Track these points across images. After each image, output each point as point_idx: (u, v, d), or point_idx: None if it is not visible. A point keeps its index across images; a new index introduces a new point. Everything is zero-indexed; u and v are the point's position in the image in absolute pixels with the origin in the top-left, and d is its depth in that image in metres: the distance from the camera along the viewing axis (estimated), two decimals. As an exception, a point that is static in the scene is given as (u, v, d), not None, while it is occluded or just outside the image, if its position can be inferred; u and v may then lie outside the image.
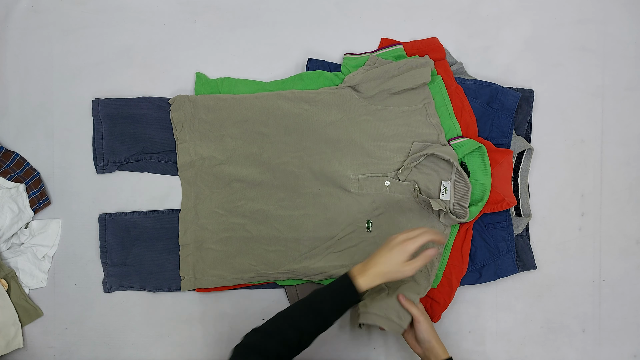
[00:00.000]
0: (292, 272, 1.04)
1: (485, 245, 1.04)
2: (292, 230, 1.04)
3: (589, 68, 1.10)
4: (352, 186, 1.03)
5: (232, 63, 1.08)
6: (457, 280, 1.02)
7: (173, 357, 1.09)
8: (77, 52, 1.09)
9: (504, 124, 1.04)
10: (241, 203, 1.04)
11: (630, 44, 1.10)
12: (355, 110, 1.04)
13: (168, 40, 1.09)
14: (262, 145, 1.05)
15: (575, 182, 1.10)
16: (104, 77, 1.08)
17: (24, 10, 1.09)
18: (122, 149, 1.06)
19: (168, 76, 1.08)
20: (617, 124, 1.10)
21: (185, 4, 1.09)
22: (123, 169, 1.07)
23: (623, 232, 1.10)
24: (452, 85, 1.04)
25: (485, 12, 1.09)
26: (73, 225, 1.09)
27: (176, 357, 1.09)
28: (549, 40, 1.09)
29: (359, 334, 1.08)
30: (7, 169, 1.05)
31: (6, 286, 1.05)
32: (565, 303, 1.09)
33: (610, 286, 1.09)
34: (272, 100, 1.04)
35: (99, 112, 1.05)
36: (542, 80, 1.09)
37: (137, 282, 1.07)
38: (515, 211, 1.07)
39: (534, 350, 1.09)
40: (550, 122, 1.09)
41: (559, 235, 1.09)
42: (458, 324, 1.08)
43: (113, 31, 1.09)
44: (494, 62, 1.09)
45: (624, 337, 1.09)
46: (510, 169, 1.03)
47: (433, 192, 1.03)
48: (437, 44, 1.07)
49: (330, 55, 1.08)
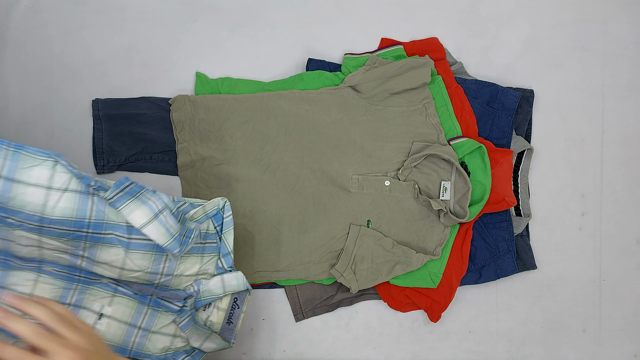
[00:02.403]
0: (292, 272, 1.04)
1: (485, 245, 1.04)
2: (292, 230, 1.04)
3: (589, 68, 1.10)
4: (352, 186, 1.03)
5: (232, 63, 1.08)
6: (457, 280, 1.02)
7: (173, 357, 1.09)
8: (77, 52, 1.09)
9: (504, 124, 1.04)
10: (241, 203, 1.04)
11: (630, 44, 1.10)
12: (355, 110, 1.04)
13: (168, 40, 1.09)
14: (262, 145, 1.05)
15: (575, 182, 1.10)
16: (104, 77, 1.08)
17: (24, 10, 1.09)
18: (122, 149, 1.06)
19: (168, 76, 1.08)
20: (617, 124, 1.10)
21: (185, 4, 1.09)
22: (123, 169, 1.07)
23: (623, 232, 1.10)
24: (452, 85, 1.04)
25: (485, 12, 1.09)
26: (73, 225, 1.09)
27: (176, 357, 1.09)
28: (549, 40, 1.09)
29: (359, 334, 1.08)
30: (7, 169, 1.05)
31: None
32: (565, 303, 1.09)
33: (611, 286, 1.09)
34: (272, 100, 1.04)
35: (99, 112, 1.05)
36: (542, 80, 1.09)
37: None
38: (515, 211, 1.07)
39: (534, 350, 1.09)
40: (550, 122, 1.09)
41: (559, 235, 1.09)
42: (458, 324, 1.08)
43: (113, 31, 1.09)
44: (494, 62, 1.09)
45: (624, 337, 1.10)
46: (510, 169, 1.03)
47: (433, 192, 1.03)
48: (437, 44, 1.07)
49: (330, 55, 1.08)
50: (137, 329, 0.82)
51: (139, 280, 0.79)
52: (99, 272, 0.76)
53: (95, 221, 0.73)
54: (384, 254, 1.01)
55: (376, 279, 1.02)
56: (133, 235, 0.75)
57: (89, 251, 0.75)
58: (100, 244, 0.75)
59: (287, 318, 1.07)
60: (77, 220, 0.71)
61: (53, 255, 0.74)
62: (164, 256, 0.78)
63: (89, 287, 0.78)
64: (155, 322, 0.83)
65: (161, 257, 0.78)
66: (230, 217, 0.86)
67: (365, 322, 1.08)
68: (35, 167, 0.68)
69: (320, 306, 1.06)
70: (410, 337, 1.08)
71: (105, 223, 0.74)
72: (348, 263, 1.01)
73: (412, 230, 1.03)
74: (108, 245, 0.75)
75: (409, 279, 1.03)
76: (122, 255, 0.76)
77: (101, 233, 0.74)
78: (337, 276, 1.01)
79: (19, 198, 0.67)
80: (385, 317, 1.08)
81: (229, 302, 0.87)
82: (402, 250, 1.00)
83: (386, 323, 1.08)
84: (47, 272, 0.74)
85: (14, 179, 0.67)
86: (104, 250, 0.75)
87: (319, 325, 1.08)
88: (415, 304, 1.05)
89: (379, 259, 1.01)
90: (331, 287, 1.06)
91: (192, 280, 0.84)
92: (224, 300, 0.87)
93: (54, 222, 0.70)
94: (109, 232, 0.74)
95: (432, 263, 1.02)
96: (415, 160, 1.01)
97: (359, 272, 1.01)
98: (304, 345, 1.07)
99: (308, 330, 1.07)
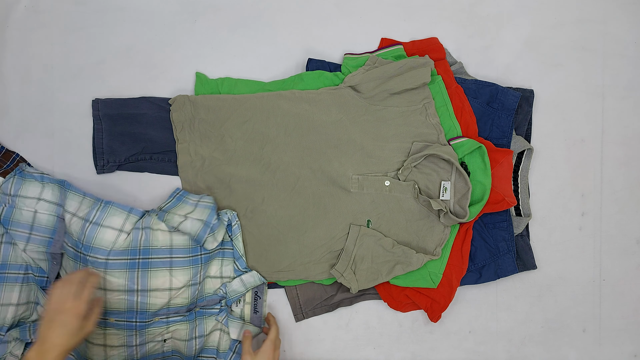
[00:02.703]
0: (292, 272, 1.04)
1: (485, 245, 1.04)
2: (292, 230, 1.04)
3: (589, 68, 1.10)
4: (352, 186, 1.03)
5: (232, 63, 1.08)
6: (457, 280, 1.02)
7: (173, 357, 1.09)
8: (77, 52, 1.09)
9: (504, 123, 1.04)
10: (241, 204, 1.04)
11: (630, 44, 1.10)
12: (355, 110, 1.04)
13: (168, 40, 1.09)
14: (262, 145, 1.05)
15: (575, 182, 1.10)
16: (104, 77, 1.08)
17: (24, 10, 1.09)
18: (122, 149, 1.06)
19: (168, 76, 1.08)
20: (617, 124, 1.10)
21: (185, 4, 1.09)
22: (123, 169, 1.07)
23: (623, 232, 1.10)
24: (452, 85, 1.04)
25: (485, 12, 1.09)
26: (73, 225, 1.09)
27: (176, 357, 1.09)
28: (549, 40, 1.09)
29: (359, 334, 1.08)
30: (7, 169, 1.05)
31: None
32: (565, 303, 1.09)
33: (610, 286, 1.09)
34: (272, 100, 1.04)
35: (99, 112, 1.05)
36: (542, 80, 1.09)
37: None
38: (515, 211, 1.07)
39: (534, 350, 1.09)
40: (550, 122, 1.09)
41: (559, 235, 1.09)
42: (458, 324, 1.08)
43: (113, 31, 1.09)
44: (494, 62, 1.09)
45: (624, 337, 1.10)
46: (510, 169, 1.03)
47: (433, 192, 1.03)
48: (437, 44, 1.07)
49: (330, 55, 1.08)
50: (194, 340, 1.00)
51: (183, 303, 0.96)
52: (152, 302, 0.94)
53: (143, 248, 0.93)
54: (384, 254, 1.01)
55: (376, 279, 1.02)
56: (174, 255, 0.94)
57: (142, 282, 0.93)
58: (150, 270, 0.93)
59: (287, 318, 1.07)
60: (131, 250, 0.93)
61: (114, 300, 0.92)
62: (199, 267, 0.97)
63: (146, 329, 0.95)
64: (205, 327, 1.01)
65: (197, 268, 0.96)
66: (238, 225, 1.02)
67: (365, 322, 1.08)
68: (115, 216, 0.94)
69: (320, 306, 1.06)
70: (410, 337, 1.08)
71: (151, 249, 0.94)
72: (348, 263, 1.01)
73: (412, 230, 1.03)
74: (155, 269, 0.94)
75: (409, 279, 1.03)
76: (167, 276, 0.94)
77: (149, 258, 0.93)
78: (337, 276, 1.01)
79: (98, 237, 0.91)
80: (385, 317, 1.08)
81: (251, 295, 1.04)
82: (402, 250, 1.00)
83: (386, 323, 1.08)
84: (111, 324, 0.93)
85: (101, 224, 0.92)
86: (153, 275, 0.93)
87: (319, 325, 1.08)
88: (415, 304, 1.05)
89: (379, 259, 1.01)
90: (331, 287, 1.06)
91: (218, 283, 1.01)
92: (247, 295, 1.04)
93: (117, 253, 0.92)
94: (154, 256, 0.94)
95: (432, 263, 1.02)
96: (415, 160, 1.01)
97: (359, 272, 1.01)
98: (304, 345, 1.07)
99: (308, 330, 1.07)
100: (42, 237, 0.95)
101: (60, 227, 0.94)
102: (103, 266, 0.91)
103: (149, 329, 0.95)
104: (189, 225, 0.93)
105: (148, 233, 0.94)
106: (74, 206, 0.95)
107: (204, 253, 0.97)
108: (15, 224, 0.94)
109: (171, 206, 0.99)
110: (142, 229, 0.94)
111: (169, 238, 0.95)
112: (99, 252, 0.91)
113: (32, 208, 0.94)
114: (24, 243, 0.94)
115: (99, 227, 0.92)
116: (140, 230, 0.94)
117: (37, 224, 0.94)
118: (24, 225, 0.94)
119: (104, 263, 0.91)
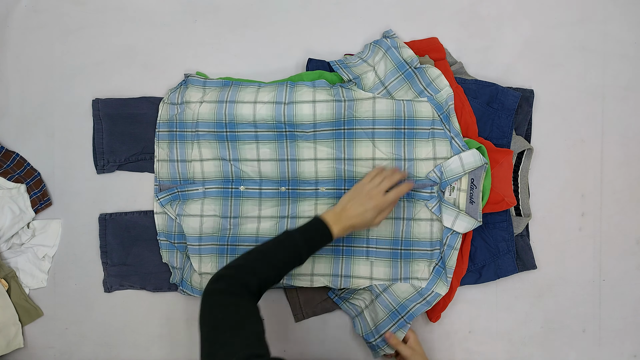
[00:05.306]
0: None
1: (485, 245, 1.04)
2: (292, 230, 1.04)
3: (589, 68, 1.10)
4: (352, 186, 1.04)
5: (232, 63, 1.08)
6: (457, 280, 1.02)
7: (173, 357, 1.09)
8: (77, 52, 1.09)
9: (504, 124, 1.04)
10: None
11: (630, 44, 1.10)
12: (356, 110, 1.05)
13: (168, 40, 1.09)
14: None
15: (575, 182, 1.10)
16: (104, 77, 1.08)
17: (24, 10, 1.09)
18: (122, 149, 1.06)
19: (168, 76, 1.08)
20: (617, 124, 1.10)
21: (185, 4, 1.09)
22: (123, 168, 1.07)
23: (623, 232, 1.10)
24: (452, 85, 1.04)
25: (485, 12, 1.09)
26: (73, 225, 1.09)
27: (176, 357, 1.09)
28: (549, 40, 1.09)
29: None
30: (7, 169, 1.05)
31: (6, 286, 1.05)
32: (565, 303, 1.09)
33: (610, 286, 1.09)
34: (273, 100, 1.04)
35: (99, 112, 1.05)
36: (542, 80, 1.09)
37: (137, 282, 1.07)
38: (515, 211, 1.07)
39: (534, 350, 1.09)
40: (550, 122, 1.09)
41: (559, 235, 1.09)
42: (458, 324, 1.08)
43: (113, 31, 1.09)
44: (494, 62, 1.09)
45: (624, 337, 1.10)
46: (510, 169, 1.03)
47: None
48: (437, 44, 1.07)
49: (330, 55, 1.08)
50: (402, 220, 0.99)
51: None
52: (357, 170, 0.98)
53: (347, 119, 0.97)
54: None
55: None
56: (376, 126, 0.98)
57: (347, 150, 0.98)
58: (355, 139, 0.98)
59: (287, 318, 1.07)
60: (335, 121, 0.97)
61: (325, 168, 1.00)
62: (402, 141, 0.97)
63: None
64: (414, 211, 0.99)
65: (400, 142, 0.97)
66: (446, 92, 0.99)
67: (365, 322, 1.08)
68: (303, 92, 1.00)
69: (321, 306, 1.06)
70: (410, 337, 1.08)
71: (355, 120, 0.97)
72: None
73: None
74: (359, 139, 0.98)
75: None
76: (371, 147, 0.98)
77: (353, 128, 0.97)
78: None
79: (298, 113, 0.98)
80: (385, 317, 1.08)
81: (467, 182, 0.97)
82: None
83: (386, 323, 1.08)
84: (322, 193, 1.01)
85: (294, 101, 0.98)
86: (358, 145, 0.98)
87: (319, 325, 1.08)
88: (415, 304, 1.05)
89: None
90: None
91: (431, 165, 0.97)
92: (463, 182, 0.98)
93: (321, 125, 0.97)
94: (357, 127, 0.97)
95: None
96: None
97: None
98: (304, 345, 1.07)
99: (308, 330, 1.07)
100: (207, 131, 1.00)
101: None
102: (312, 138, 0.98)
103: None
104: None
105: (351, 105, 0.98)
106: (250, 95, 1.00)
107: (407, 127, 0.97)
108: (180, 125, 1.02)
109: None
110: (345, 101, 0.97)
111: (371, 108, 0.97)
112: (304, 127, 0.98)
113: (196, 110, 1.00)
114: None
115: (293, 105, 0.98)
116: (342, 102, 0.97)
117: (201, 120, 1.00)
118: (189, 124, 1.01)
119: (312, 135, 0.98)
